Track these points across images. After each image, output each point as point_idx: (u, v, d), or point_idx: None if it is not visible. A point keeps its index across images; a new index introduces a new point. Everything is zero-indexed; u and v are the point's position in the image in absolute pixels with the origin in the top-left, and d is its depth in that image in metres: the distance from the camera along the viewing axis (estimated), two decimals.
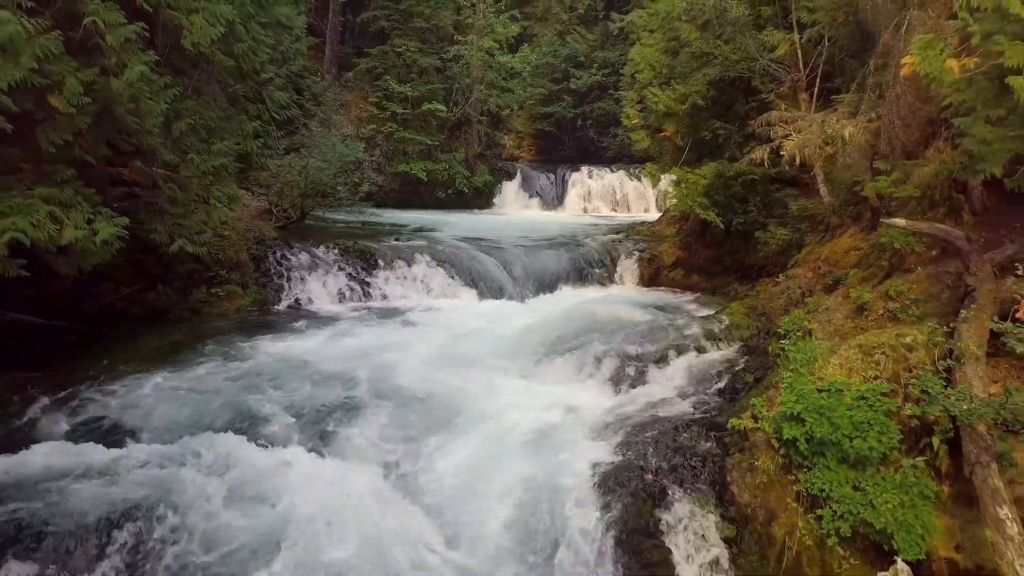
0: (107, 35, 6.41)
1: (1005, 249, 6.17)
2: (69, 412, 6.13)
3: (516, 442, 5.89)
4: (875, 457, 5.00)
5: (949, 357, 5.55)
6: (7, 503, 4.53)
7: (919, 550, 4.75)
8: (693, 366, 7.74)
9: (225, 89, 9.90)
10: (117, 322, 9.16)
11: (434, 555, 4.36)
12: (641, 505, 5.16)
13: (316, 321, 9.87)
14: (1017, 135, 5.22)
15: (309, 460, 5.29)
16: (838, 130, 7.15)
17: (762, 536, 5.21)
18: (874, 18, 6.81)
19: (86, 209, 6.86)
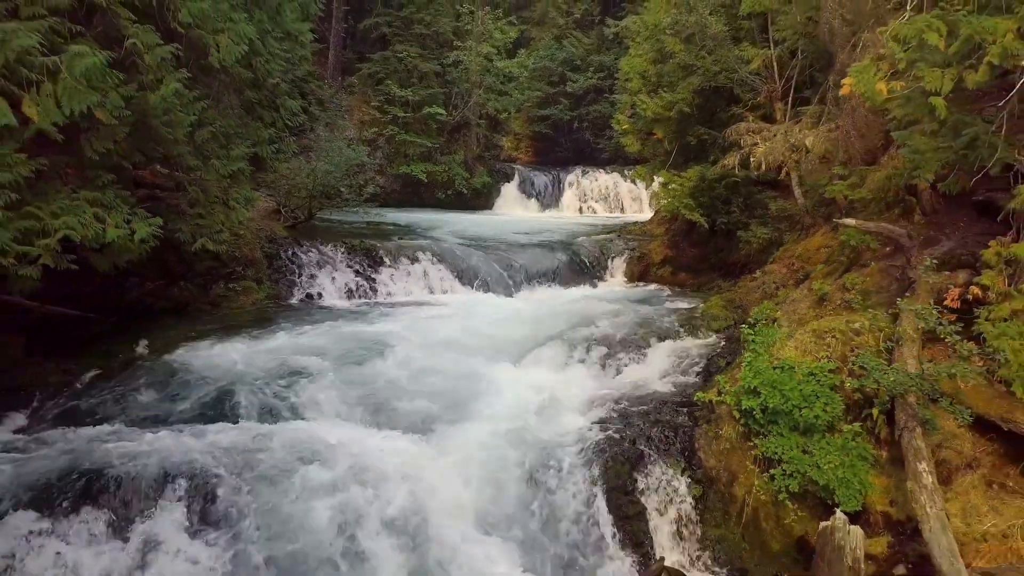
0: (145, 55, 7.17)
1: (942, 245, 6.97)
2: (114, 389, 6.88)
3: (515, 417, 6.66)
4: (821, 425, 5.79)
5: (891, 340, 6.34)
6: (76, 464, 5.29)
7: (857, 503, 5.55)
8: (673, 353, 8.51)
9: (241, 98, 10.67)
10: (144, 314, 9.89)
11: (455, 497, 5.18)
12: (620, 468, 5.94)
13: (328, 314, 10.63)
14: (947, 146, 6.02)
15: (344, 429, 6.08)
16: (800, 139, 7.95)
17: (725, 494, 6.00)
18: (831, 39, 7.61)
19: (124, 210, 7.61)
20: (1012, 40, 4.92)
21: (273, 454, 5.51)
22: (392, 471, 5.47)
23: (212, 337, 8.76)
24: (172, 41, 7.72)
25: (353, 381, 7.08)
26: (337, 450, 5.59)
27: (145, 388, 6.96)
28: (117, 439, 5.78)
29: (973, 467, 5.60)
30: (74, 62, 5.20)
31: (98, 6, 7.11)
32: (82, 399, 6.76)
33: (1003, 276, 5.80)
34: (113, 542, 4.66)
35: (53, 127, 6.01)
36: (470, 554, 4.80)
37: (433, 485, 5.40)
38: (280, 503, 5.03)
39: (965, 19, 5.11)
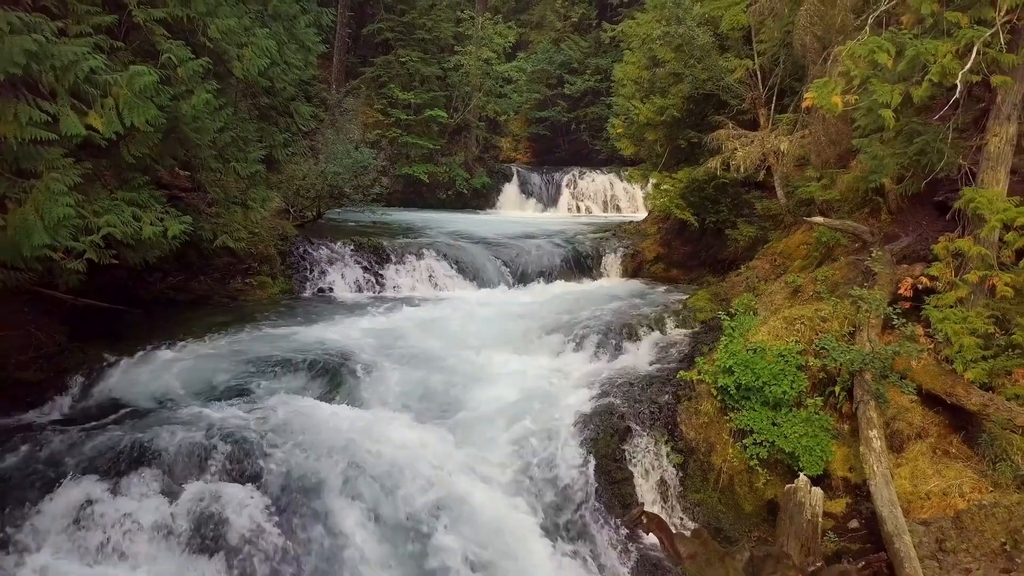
0: (179, 68, 7.86)
1: (902, 241, 7.70)
2: (151, 371, 7.59)
3: (517, 395, 7.38)
4: (789, 400, 6.51)
5: (853, 325, 7.05)
6: (126, 433, 5.99)
7: (819, 468, 6.26)
8: (661, 341, 9.23)
9: (257, 104, 11.37)
10: (167, 306, 10.58)
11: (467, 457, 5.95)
12: (610, 439, 6.65)
13: (339, 307, 11.34)
14: (902, 152, 6.74)
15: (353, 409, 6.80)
16: (776, 145, 8.66)
17: (704, 463, 6.72)
18: (804, 53, 8.31)
19: (158, 209, 8.31)
20: (950, 60, 5.64)
21: (302, 425, 6.23)
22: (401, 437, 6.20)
23: (234, 326, 9.46)
24: (200, 54, 8.43)
25: (376, 365, 7.78)
26: (356, 420, 6.31)
27: (180, 371, 7.65)
28: (160, 413, 6.50)
29: (922, 436, 6.32)
30: (134, 80, 5.90)
31: (136, 24, 7.83)
32: (123, 380, 7.45)
33: (950, 268, 6.52)
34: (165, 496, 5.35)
35: (99, 135, 6.72)
36: (481, 497, 5.56)
37: (446, 451, 6.13)
38: (304, 461, 5.76)
39: (911, 41, 5.83)
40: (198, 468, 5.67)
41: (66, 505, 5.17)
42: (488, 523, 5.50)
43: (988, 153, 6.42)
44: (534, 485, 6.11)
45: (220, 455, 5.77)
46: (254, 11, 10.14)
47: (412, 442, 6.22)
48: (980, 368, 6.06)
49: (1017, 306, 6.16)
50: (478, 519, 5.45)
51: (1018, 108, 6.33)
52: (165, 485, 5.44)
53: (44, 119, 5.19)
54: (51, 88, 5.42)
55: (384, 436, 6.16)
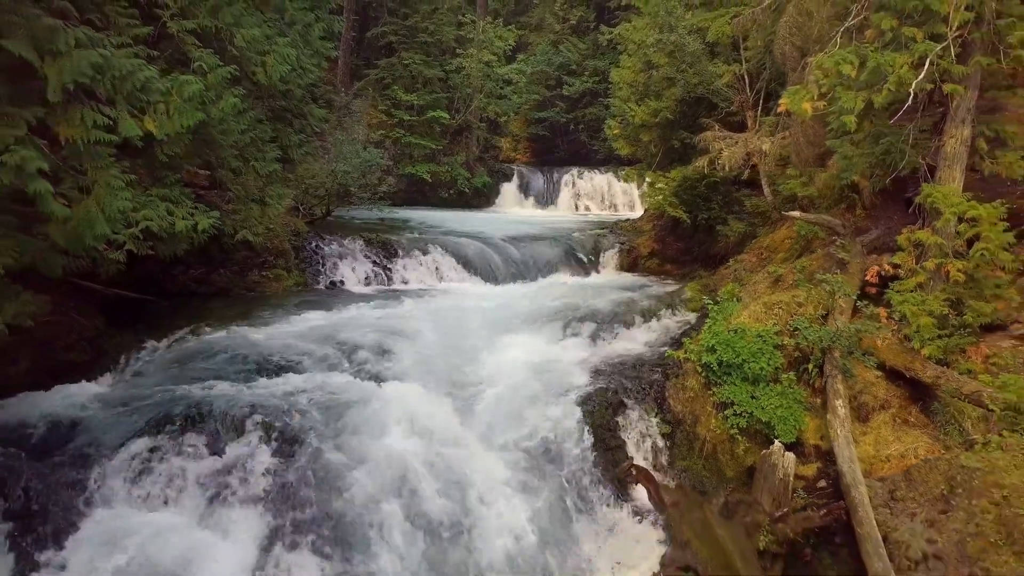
0: (208, 75, 8.55)
1: (871, 233, 8.41)
2: (186, 353, 8.29)
3: (521, 374, 8.08)
4: (766, 375, 7.21)
5: (826, 309, 7.76)
6: (171, 405, 6.69)
7: (792, 435, 6.96)
8: (653, 328, 9.94)
9: (274, 106, 12.08)
10: (190, 297, 11.28)
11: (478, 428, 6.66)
12: (605, 411, 7.36)
13: (351, 298, 12.02)
14: (869, 152, 7.45)
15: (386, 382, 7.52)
16: (759, 145, 9.37)
17: (690, 433, 7.42)
18: (784, 61, 9.01)
19: (188, 205, 9.00)
20: (907, 71, 6.35)
21: (326, 398, 6.94)
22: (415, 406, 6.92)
23: (255, 315, 10.16)
24: (226, 61, 9.11)
25: (388, 347, 8.49)
26: (376, 393, 7.03)
27: (211, 353, 8.33)
28: (199, 388, 7.19)
29: (885, 408, 7.02)
30: (183, 88, 6.60)
31: (168, 34, 8.54)
32: (160, 361, 8.15)
33: (912, 256, 7.23)
34: (212, 457, 6.05)
35: (137, 136, 7.41)
36: (492, 461, 6.27)
37: (459, 423, 6.85)
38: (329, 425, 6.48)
39: (873, 54, 6.54)
40: (236, 432, 6.36)
41: (126, 462, 5.87)
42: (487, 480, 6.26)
43: (945, 153, 7.13)
44: (535, 451, 6.80)
45: (255, 422, 6.46)
46: (273, 20, 10.84)
47: (424, 412, 6.94)
48: (935, 345, 6.77)
49: (969, 290, 6.87)
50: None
51: (972, 113, 7.04)
52: (210, 446, 6.14)
53: (106, 123, 5.88)
54: (108, 95, 6.11)
55: (400, 402, 6.88)
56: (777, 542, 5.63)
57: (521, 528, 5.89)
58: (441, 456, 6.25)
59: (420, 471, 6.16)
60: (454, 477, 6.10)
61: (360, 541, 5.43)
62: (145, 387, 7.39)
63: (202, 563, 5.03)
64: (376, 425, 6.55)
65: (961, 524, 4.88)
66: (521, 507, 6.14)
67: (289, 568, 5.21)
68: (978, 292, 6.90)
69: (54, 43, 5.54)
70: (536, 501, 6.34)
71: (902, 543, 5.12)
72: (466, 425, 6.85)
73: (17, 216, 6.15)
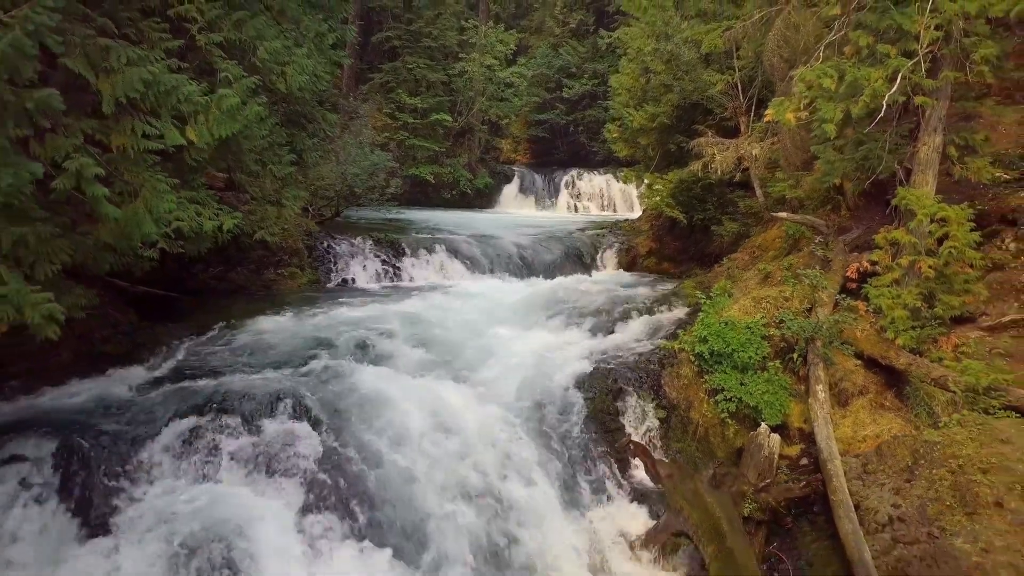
0: (234, 84, 9.14)
1: (853, 232, 9.02)
2: (216, 345, 8.88)
3: (526, 363, 8.68)
4: (754, 364, 7.82)
5: (810, 303, 8.37)
6: (207, 390, 7.28)
7: (778, 419, 7.57)
8: (650, 322, 10.53)
9: (290, 112, 12.66)
10: (210, 295, 11.86)
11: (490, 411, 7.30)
12: (605, 397, 7.96)
13: (362, 294, 12.63)
14: (850, 158, 8.07)
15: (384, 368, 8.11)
16: (749, 150, 9.98)
17: (683, 417, 8.03)
18: (772, 71, 9.61)
19: (214, 207, 9.59)
20: (881, 84, 6.96)
21: (348, 383, 7.54)
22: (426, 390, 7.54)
23: (274, 310, 10.74)
24: (249, 71, 9.70)
25: (404, 338, 9.10)
26: (393, 378, 7.65)
27: (238, 345, 8.96)
28: (232, 375, 7.80)
29: (863, 393, 7.63)
30: (222, 101, 7.19)
31: (198, 46, 9.12)
32: (191, 352, 8.74)
33: (888, 254, 7.84)
34: (248, 435, 6.64)
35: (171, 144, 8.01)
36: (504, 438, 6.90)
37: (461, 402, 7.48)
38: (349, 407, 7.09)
39: (850, 68, 7.15)
40: (269, 412, 6.96)
41: (171, 440, 6.46)
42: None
43: (919, 159, 7.74)
44: (543, 431, 7.41)
45: (285, 403, 7.05)
46: (289, 30, 11.42)
47: (437, 395, 7.56)
48: (909, 336, 7.38)
49: (940, 284, 7.47)
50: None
51: (943, 122, 7.66)
52: (245, 425, 6.73)
53: (154, 133, 6.48)
54: (152, 107, 6.70)
55: (416, 387, 7.50)
56: (760, 510, 6.24)
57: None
58: (454, 430, 6.87)
59: (435, 440, 6.81)
60: (468, 449, 6.72)
61: (384, 501, 6.07)
62: (181, 375, 7.98)
63: (250, 523, 5.63)
64: (394, 406, 7.15)
65: (922, 491, 5.48)
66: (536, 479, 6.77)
67: (324, 527, 5.82)
68: (948, 287, 7.50)
69: (108, 61, 6.13)
70: (545, 473, 6.97)
71: (871, 509, 5.72)
72: (478, 405, 7.44)
73: (69, 218, 6.75)
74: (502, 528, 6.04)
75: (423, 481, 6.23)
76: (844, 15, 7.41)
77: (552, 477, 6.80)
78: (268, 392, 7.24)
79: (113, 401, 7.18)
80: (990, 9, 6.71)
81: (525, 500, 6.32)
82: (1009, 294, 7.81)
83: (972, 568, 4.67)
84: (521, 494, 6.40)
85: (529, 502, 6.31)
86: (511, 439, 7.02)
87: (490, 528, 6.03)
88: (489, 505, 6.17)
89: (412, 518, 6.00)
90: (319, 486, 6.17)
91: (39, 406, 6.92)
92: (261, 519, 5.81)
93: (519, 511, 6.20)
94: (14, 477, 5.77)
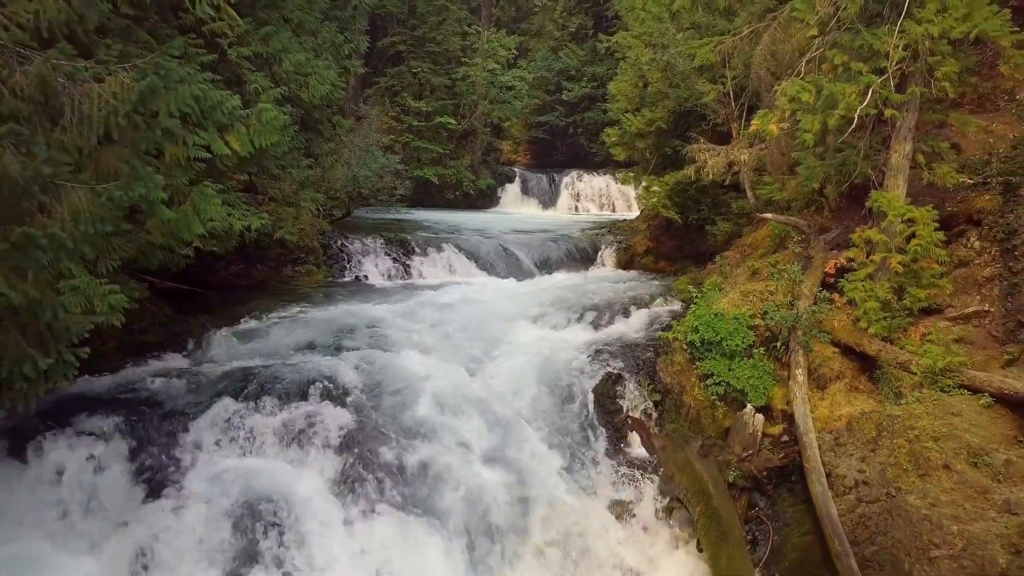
0: (262, 94, 9.90)
1: (832, 232, 9.80)
2: (248, 334, 9.65)
3: (533, 352, 9.45)
4: (741, 351, 8.59)
5: (794, 296, 9.14)
6: (244, 374, 8.04)
7: (762, 400, 8.33)
8: (647, 315, 11.29)
9: (306, 119, 13.43)
10: (232, 290, 12.61)
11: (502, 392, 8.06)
12: (605, 382, 8.74)
13: (375, 291, 13.41)
14: (829, 163, 8.84)
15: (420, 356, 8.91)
16: (737, 156, 10.76)
17: (677, 400, 8.79)
18: (759, 83, 10.38)
19: (243, 208, 10.35)
20: (854, 99, 7.73)
21: (373, 367, 8.31)
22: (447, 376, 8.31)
23: (295, 304, 11.51)
24: (274, 81, 10.46)
25: (419, 328, 9.88)
26: (412, 362, 8.44)
27: (267, 335, 9.72)
28: (265, 360, 8.57)
29: (840, 378, 8.39)
30: (262, 114, 7.97)
31: (228, 59, 9.89)
32: (225, 341, 9.49)
33: (863, 251, 8.60)
34: (284, 413, 7.40)
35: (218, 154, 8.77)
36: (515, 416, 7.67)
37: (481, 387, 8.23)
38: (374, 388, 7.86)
39: (827, 84, 7.92)
40: (301, 394, 7.72)
41: (215, 418, 7.23)
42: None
43: (891, 165, 8.51)
44: (548, 412, 8.19)
45: (316, 387, 7.82)
46: (308, 42, 12.18)
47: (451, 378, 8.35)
48: (880, 325, 8.14)
49: (909, 279, 8.23)
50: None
51: (912, 131, 8.42)
52: (281, 405, 7.50)
53: (202, 143, 7.24)
54: (198, 120, 7.46)
55: (432, 370, 8.28)
56: (743, 477, 7.01)
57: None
58: (471, 410, 7.65)
59: (456, 416, 7.60)
60: (486, 424, 7.51)
61: (404, 467, 6.86)
62: (219, 361, 8.76)
63: (292, 488, 6.41)
64: (414, 390, 7.92)
65: (884, 458, 6.25)
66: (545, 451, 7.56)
67: (356, 492, 6.59)
68: (917, 281, 8.26)
69: (166, 80, 6.88)
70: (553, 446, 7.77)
71: (841, 475, 6.49)
72: (491, 387, 8.22)
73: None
74: (516, 492, 6.82)
75: (446, 451, 7.00)
76: (821, 36, 8.18)
77: (559, 449, 7.58)
78: (300, 375, 8.01)
79: (160, 385, 7.93)
80: (951, 32, 7.49)
81: (536, 468, 7.10)
82: (972, 288, 8.57)
83: (921, 519, 5.45)
84: (532, 463, 7.17)
85: (539, 469, 7.09)
86: (522, 417, 7.78)
87: (509, 493, 6.81)
88: (504, 471, 6.95)
89: (438, 485, 6.77)
90: (350, 458, 6.95)
91: (97, 389, 7.67)
92: (300, 487, 6.59)
93: (531, 477, 6.98)
94: (88, 448, 6.55)
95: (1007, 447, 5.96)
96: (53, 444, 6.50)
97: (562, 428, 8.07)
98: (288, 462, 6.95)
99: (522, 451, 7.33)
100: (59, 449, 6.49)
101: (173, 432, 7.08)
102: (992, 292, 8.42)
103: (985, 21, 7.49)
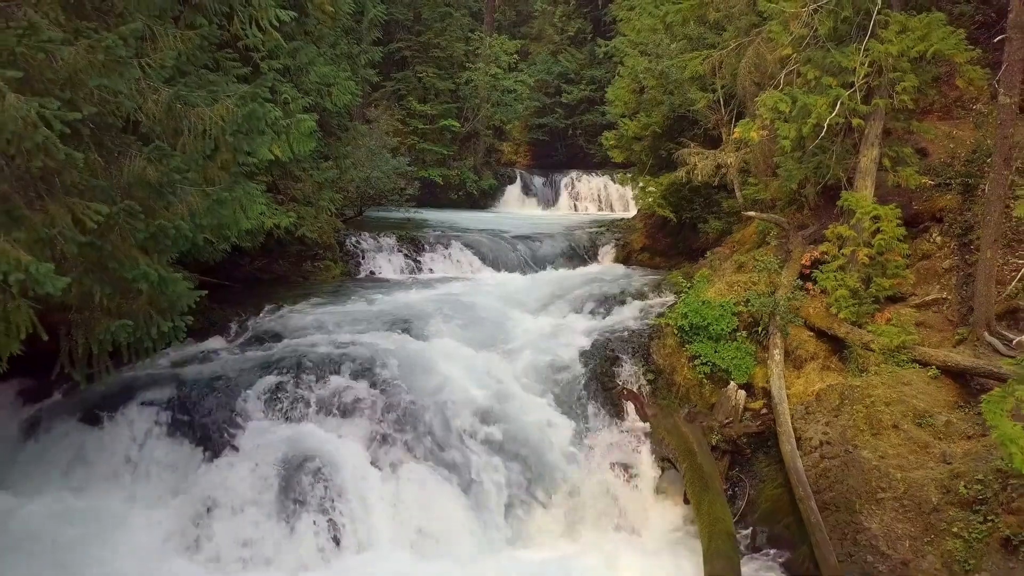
0: (291, 103, 10.87)
1: (809, 228, 10.81)
2: (278, 322, 10.63)
3: (538, 338, 10.44)
4: (725, 334, 9.58)
5: (774, 286, 10.13)
6: (280, 355, 9.01)
7: (744, 378, 9.32)
8: (642, 306, 12.27)
9: (326, 125, 14.42)
10: (255, 284, 13.55)
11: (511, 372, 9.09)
12: (603, 363, 9.73)
13: (389, 285, 14.37)
14: (805, 167, 9.84)
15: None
16: (724, 159, 11.77)
17: (668, 379, 9.78)
18: (744, 93, 11.37)
19: (272, 207, 11.32)
20: (825, 109, 8.72)
21: (396, 349, 9.30)
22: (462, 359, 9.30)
23: (317, 296, 12.48)
24: (302, 91, 11.44)
25: (434, 317, 10.85)
26: (430, 346, 9.43)
27: (296, 322, 10.68)
28: (298, 343, 9.54)
29: (814, 359, 9.38)
30: (300, 124, 8.94)
31: (261, 72, 10.86)
32: (259, 327, 10.48)
33: (835, 245, 9.59)
34: (320, 387, 8.38)
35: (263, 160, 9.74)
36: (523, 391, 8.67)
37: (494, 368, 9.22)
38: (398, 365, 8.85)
39: (801, 95, 8.91)
40: (334, 370, 8.71)
41: (260, 391, 8.22)
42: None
43: (860, 168, 9.50)
44: (555, 388, 9.19)
45: (347, 366, 8.80)
46: (328, 53, 13.16)
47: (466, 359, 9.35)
48: (850, 311, 9.12)
49: (875, 270, 9.22)
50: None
51: (879, 138, 9.41)
52: (318, 380, 8.48)
53: (247, 150, 8.22)
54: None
55: (447, 353, 9.29)
56: (725, 442, 8.01)
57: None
58: (486, 385, 8.65)
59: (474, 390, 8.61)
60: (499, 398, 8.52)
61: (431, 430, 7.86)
62: (257, 344, 9.74)
63: (332, 448, 7.40)
64: (432, 366, 8.93)
65: (845, 421, 7.24)
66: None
67: (389, 453, 7.58)
68: (883, 272, 9.24)
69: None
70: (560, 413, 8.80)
71: (808, 438, 7.49)
72: (502, 368, 9.21)
73: None
74: (529, 455, 7.83)
75: (469, 417, 8.00)
76: (795, 53, 9.17)
77: (564, 417, 8.58)
78: (333, 355, 9.03)
79: (207, 364, 8.94)
80: (910, 51, 8.48)
81: (546, 434, 8.11)
82: (933, 278, 9.57)
83: (871, 469, 6.44)
84: (544, 431, 8.19)
85: (548, 435, 8.10)
86: (532, 392, 8.78)
87: (520, 459, 7.82)
88: (517, 436, 7.95)
89: (458, 446, 7.76)
90: (382, 423, 7.94)
91: (152, 368, 8.63)
92: (339, 447, 7.60)
93: (541, 443, 7.99)
94: (150, 417, 7.53)
95: (949, 411, 6.96)
96: (124, 413, 7.48)
97: (567, 401, 9.06)
98: (326, 428, 7.93)
99: (532, 418, 8.32)
100: (129, 417, 7.46)
101: (224, 403, 8.07)
102: (950, 282, 9.44)
103: (941, 41, 8.48)
